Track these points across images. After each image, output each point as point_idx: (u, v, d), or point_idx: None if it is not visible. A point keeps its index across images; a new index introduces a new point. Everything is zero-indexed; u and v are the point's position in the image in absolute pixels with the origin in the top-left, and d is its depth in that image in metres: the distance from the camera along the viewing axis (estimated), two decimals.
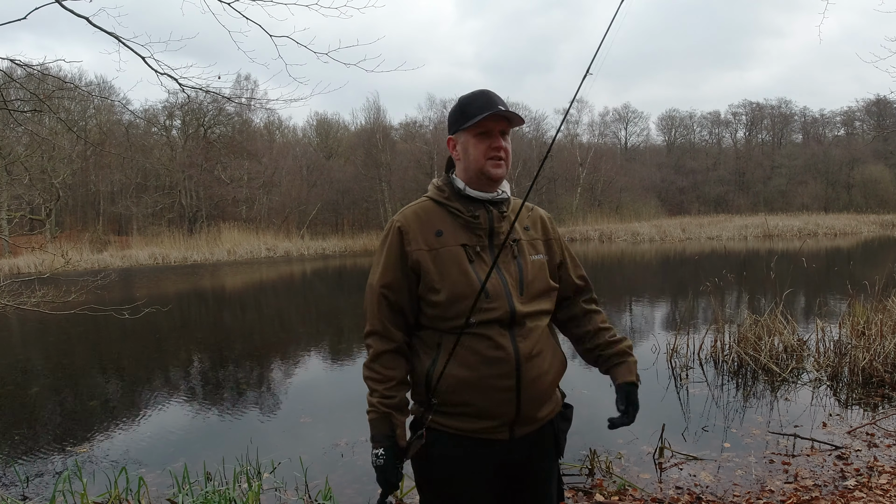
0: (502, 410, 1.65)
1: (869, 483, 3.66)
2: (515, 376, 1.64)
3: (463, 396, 1.65)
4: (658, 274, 19.28)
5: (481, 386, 1.63)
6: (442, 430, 1.69)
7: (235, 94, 20.13)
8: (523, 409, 1.67)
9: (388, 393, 1.68)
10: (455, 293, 1.65)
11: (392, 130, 43.17)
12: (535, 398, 1.70)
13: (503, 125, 1.73)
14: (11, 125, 14.22)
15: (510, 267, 1.73)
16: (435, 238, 1.70)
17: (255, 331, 10.79)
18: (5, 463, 4.62)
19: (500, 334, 1.65)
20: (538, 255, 1.79)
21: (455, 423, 1.68)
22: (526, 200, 1.78)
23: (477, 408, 1.65)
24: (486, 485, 1.72)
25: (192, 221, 35.77)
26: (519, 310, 1.68)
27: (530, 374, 1.67)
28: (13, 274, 18.01)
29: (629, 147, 58.38)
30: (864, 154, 49.67)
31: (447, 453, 1.68)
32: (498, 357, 1.63)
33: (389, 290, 1.71)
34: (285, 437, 5.09)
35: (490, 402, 1.64)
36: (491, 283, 1.67)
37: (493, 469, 1.72)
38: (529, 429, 1.72)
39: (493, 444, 1.69)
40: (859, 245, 25.69)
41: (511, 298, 1.68)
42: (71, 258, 6.65)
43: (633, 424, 1.85)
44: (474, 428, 1.67)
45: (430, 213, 1.75)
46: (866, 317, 6.74)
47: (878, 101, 52.01)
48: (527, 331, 1.69)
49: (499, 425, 1.67)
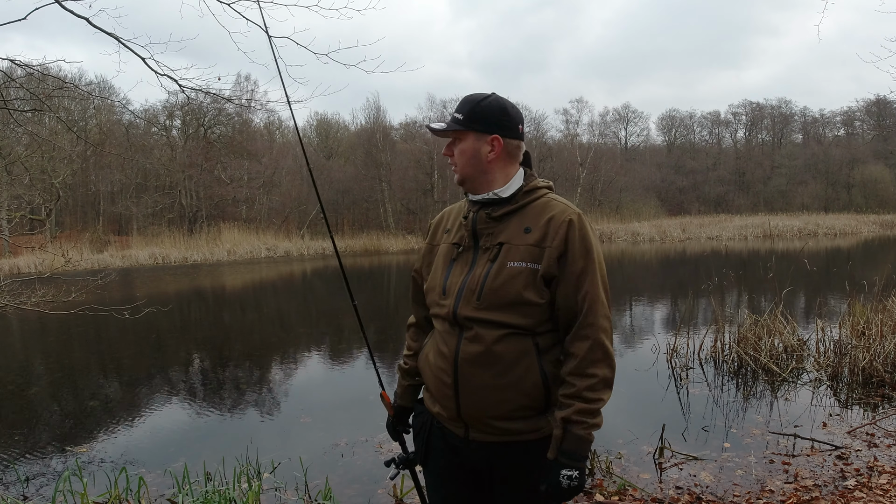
0: (447, 404, 1.74)
1: (869, 483, 3.66)
2: (453, 375, 1.70)
3: (425, 378, 1.85)
4: (658, 274, 19.28)
5: (434, 374, 1.77)
6: (423, 405, 1.90)
7: (235, 94, 20.14)
8: (463, 409, 1.69)
9: (406, 360, 2.01)
10: (429, 285, 1.86)
11: (392, 130, 43.16)
12: (479, 405, 1.66)
13: (445, 136, 1.81)
14: (11, 125, 14.23)
15: (481, 270, 1.70)
16: (443, 234, 1.88)
17: (255, 331, 10.79)
18: (5, 463, 4.62)
19: (448, 332, 1.73)
20: (520, 262, 1.64)
21: (427, 401, 1.87)
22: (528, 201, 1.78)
23: (432, 392, 1.80)
24: (452, 467, 1.82)
25: (192, 221, 35.76)
26: (462, 313, 1.68)
27: (471, 380, 1.66)
28: (13, 274, 18.01)
29: (629, 147, 58.34)
30: (864, 154, 49.66)
31: (418, 425, 1.91)
32: (443, 352, 1.73)
33: (418, 274, 1.98)
34: (285, 437, 5.09)
35: (438, 392, 1.76)
36: (452, 281, 1.75)
37: (456, 458, 1.79)
38: (488, 437, 1.69)
39: (452, 434, 1.77)
40: (859, 245, 25.69)
41: (458, 300, 1.70)
42: (71, 258, 6.65)
43: (634, 424, 1.86)
44: (434, 411, 1.81)
45: (455, 212, 1.91)
46: (866, 317, 6.75)
47: (878, 101, 52.03)
48: (475, 336, 1.66)
49: (450, 418, 1.75)
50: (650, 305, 12.18)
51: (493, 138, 1.74)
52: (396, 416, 2.03)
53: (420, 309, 1.99)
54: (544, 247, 1.64)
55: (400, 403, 2.02)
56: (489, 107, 1.74)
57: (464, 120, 1.74)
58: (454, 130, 1.77)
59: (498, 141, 1.74)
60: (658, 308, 11.87)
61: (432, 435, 1.84)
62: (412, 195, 38.34)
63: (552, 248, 1.63)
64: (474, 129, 1.74)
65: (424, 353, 1.85)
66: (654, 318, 10.68)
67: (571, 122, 49.75)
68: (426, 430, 1.86)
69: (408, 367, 1.99)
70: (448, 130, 1.77)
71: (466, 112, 1.74)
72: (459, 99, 1.82)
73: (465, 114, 1.74)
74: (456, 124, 1.75)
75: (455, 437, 1.76)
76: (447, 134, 1.79)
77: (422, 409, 1.91)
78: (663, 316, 10.82)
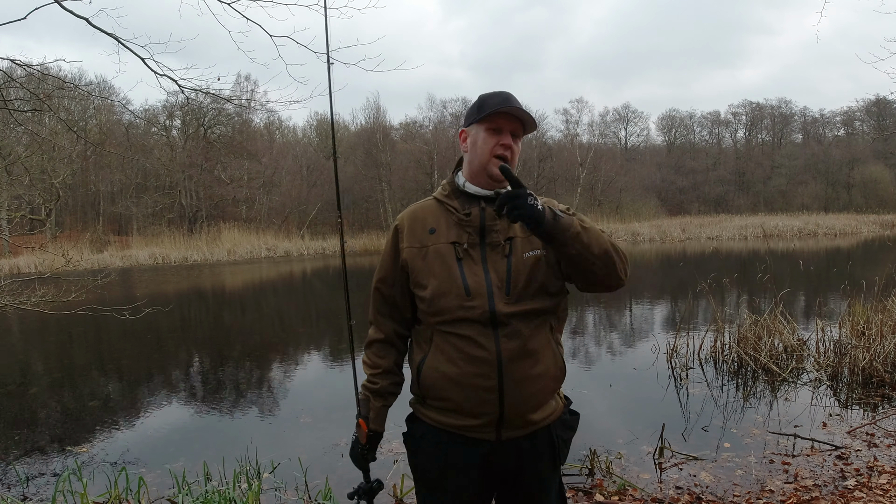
0: (485, 409, 1.65)
1: (869, 483, 3.66)
2: (498, 376, 1.63)
3: (446, 392, 1.68)
4: (658, 274, 19.28)
5: (464, 383, 1.65)
6: (427, 423, 1.76)
7: (235, 94, 20.14)
8: (507, 409, 1.65)
9: (373, 379, 1.83)
10: (439, 290, 1.68)
11: (392, 130, 43.17)
12: (522, 400, 1.65)
13: (515, 127, 1.72)
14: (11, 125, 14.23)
15: (499, 266, 1.68)
16: (427, 235, 1.74)
17: (255, 331, 10.79)
18: (5, 463, 4.62)
19: (481, 333, 1.64)
20: (534, 250, 1.69)
21: (439, 416, 1.72)
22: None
23: (458, 404, 1.67)
24: (471, 482, 1.72)
25: (192, 221, 35.76)
26: (500, 310, 1.64)
27: (515, 375, 1.64)
28: (13, 274, 18.00)
29: (629, 147, 58.36)
30: (864, 154, 49.69)
31: (429, 445, 1.75)
32: (480, 356, 1.63)
33: (383, 283, 1.82)
34: (285, 437, 5.09)
35: (472, 400, 1.65)
36: (474, 281, 1.66)
37: (479, 469, 1.71)
38: (519, 432, 1.69)
39: (478, 443, 1.69)
40: (859, 245, 25.69)
41: (492, 298, 1.64)
42: (71, 258, 6.65)
43: (633, 424, 1.86)
44: (456, 424, 1.69)
45: (427, 212, 1.79)
46: (866, 317, 6.75)
47: (878, 102, 52.06)
48: (512, 331, 1.64)
49: (483, 424, 1.67)
50: (650, 305, 12.17)
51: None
52: (370, 444, 1.85)
53: (388, 324, 1.83)
54: None
55: (373, 428, 1.83)
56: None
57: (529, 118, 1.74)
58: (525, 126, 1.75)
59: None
60: (658, 308, 11.87)
61: (451, 453, 1.71)
62: (412, 195, 38.30)
63: None
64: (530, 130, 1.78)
65: (431, 366, 1.69)
66: (653, 318, 10.68)
67: (571, 122, 49.85)
68: (442, 450, 1.72)
69: (379, 388, 1.82)
70: (529, 127, 1.75)
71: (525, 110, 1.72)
72: (459, 99, 1.83)
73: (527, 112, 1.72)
74: (532, 124, 1.75)
75: (483, 445, 1.69)
76: (526, 129, 1.75)
77: (424, 429, 1.77)
78: (663, 316, 10.82)
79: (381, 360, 1.83)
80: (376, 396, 1.82)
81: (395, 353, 1.85)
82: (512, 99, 1.71)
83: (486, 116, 1.70)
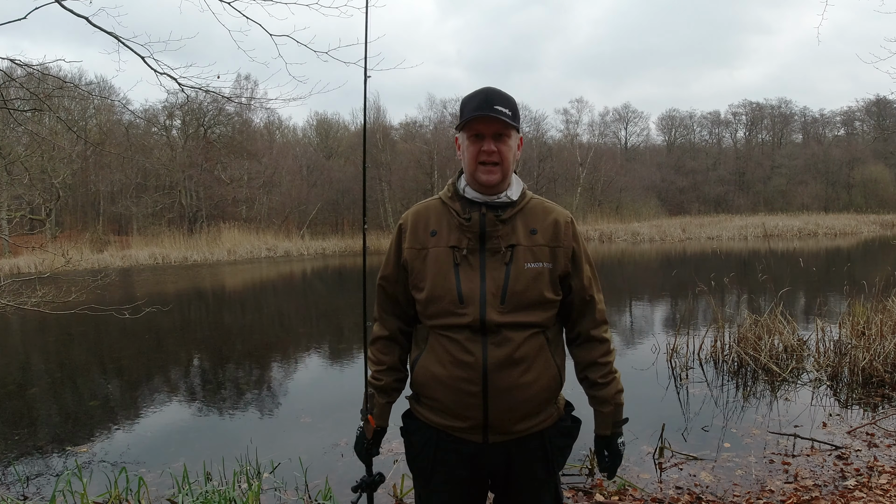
0: (470, 413, 1.67)
1: (869, 483, 3.66)
2: (482, 383, 1.63)
3: (434, 392, 1.71)
4: (658, 274, 19.27)
5: (451, 386, 1.67)
6: (420, 420, 1.80)
7: (235, 93, 20.15)
8: (492, 416, 1.66)
9: (378, 375, 1.85)
10: (433, 294, 1.69)
11: (392, 130, 43.16)
12: (508, 408, 1.66)
13: (497, 128, 1.66)
14: (11, 125, 14.21)
15: (497, 273, 1.66)
16: (428, 237, 1.73)
17: (255, 331, 10.79)
18: (5, 463, 4.62)
19: (470, 339, 1.64)
20: (536, 263, 1.68)
21: (430, 415, 1.76)
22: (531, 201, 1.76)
23: (446, 405, 1.70)
24: (462, 479, 1.75)
25: (192, 221, 35.74)
26: (492, 318, 1.63)
27: (500, 384, 1.64)
28: (13, 274, 18.00)
29: (629, 147, 58.34)
30: (864, 154, 49.68)
31: (421, 441, 1.79)
32: (467, 361, 1.64)
33: (386, 281, 1.82)
34: (285, 437, 5.09)
35: (458, 404, 1.67)
36: (469, 288, 1.65)
37: (469, 467, 1.73)
38: (506, 437, 1.70)
39: (466, 443, 1.71)
40: (859, 245, 25.69)
41: (485, 307, 1.63)
42: (71, 258, 6.65)
43: (634, 424, 1.87)
44: (444, 424, 1.73)
45: (431, 213, 1.77)
46: (866, 317, 6.74)
47: (878, 101, 52.04)
48: (502, 339, 1.63)
49: (470, 427, 1.69)
50: (650, 305, 12.17)
51: (521, 138, 1.74)
52: (375, 439, 1.87)
53: (392, 321, 1.84)
54: (557, 247, 1.71)
55: (380, 424, 1.86)
56: (517, 105, 1.70)
57: (512, 116, 1.66)
58: (508, 126, 1.66)
59: (521, 141, 1.74)
60: (658, 308, 11.87)
61: (440, 449, 1.74)
62: (412, 195, 38.29)
63: (564, 247, 1.73)
64: (517, 127, 1.70)
65: (423, 366, 1.72)
66: (653, 318, 10.68)
67: (571, 122, 49.83)
68: (431, 445, 1.75)
69: (383, 384, 1.84)
70: (509, 123, 1.65)
71: (511, 107, 1.66)
72: (459, 99, 1.80)
73: (511, 109, 1.65)
74: (509, 119, 1.65)
75: (470, 446, 1.71)
76: (496, 127, 1.65)
77: (416, 425, 1.80)
78: (663, 316, 10.82)
79: (384, 356, 1.85)
80: (381, 393, 1.85)
81: (399, 350, 1.86)
82: (491, 98, 1.65)
83: (465, 124, 1.67)
